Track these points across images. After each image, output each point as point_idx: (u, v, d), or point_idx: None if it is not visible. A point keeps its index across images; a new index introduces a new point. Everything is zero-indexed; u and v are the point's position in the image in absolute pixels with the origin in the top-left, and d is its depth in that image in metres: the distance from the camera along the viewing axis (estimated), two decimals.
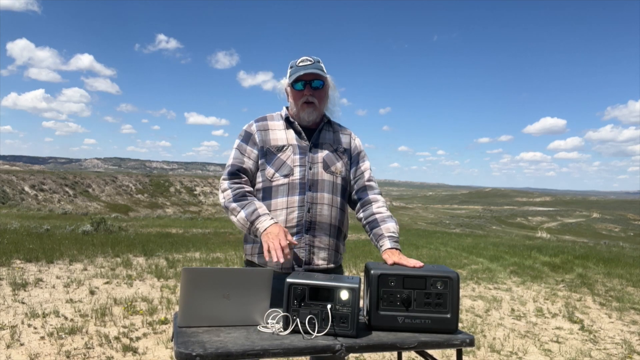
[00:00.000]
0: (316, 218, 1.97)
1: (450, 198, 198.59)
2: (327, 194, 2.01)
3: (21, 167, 76.34)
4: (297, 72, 1.99)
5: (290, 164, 1.98)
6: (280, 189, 1.97)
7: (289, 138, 2.03)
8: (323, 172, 2.01)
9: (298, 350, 1.47)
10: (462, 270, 8.04)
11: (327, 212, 2.00)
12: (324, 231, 2.00)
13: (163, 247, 9.41)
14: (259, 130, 2.03)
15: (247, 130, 2.05)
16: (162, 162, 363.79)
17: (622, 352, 4.14)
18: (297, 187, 1.97)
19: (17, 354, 3.42)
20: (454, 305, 1.65)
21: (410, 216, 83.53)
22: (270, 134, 2.03)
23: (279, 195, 1.96)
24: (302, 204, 1.96)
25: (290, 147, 2.00)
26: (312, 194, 1.98)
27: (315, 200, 1.98)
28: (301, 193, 1.96)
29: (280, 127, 2.05)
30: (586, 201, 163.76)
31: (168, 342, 3.82)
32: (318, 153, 2.03)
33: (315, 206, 1.97)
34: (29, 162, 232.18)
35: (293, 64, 2.05)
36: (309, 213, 1.96)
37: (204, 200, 62.78)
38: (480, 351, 4.02)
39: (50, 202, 46.29)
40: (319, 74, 1.99)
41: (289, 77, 2.03)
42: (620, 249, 13.71)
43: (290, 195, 1.96)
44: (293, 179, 1.97)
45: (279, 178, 1.97)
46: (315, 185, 1.99)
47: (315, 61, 2.03)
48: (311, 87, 2.00)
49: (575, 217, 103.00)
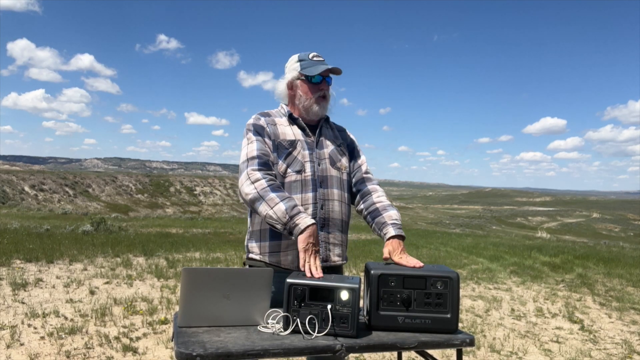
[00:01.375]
0: (329, 214, 1.98)
1: (450, 198, 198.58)
2: (337, 190, 2.02)
3: (21, 167, 76.35)
4: (317, 65, 1.99)
5: (301, 159, 1.97)
6: (294, 185, 1.95)
7: (296, 134, 2.02)
8: (330, 168, 2.03)
9: (298, 350, 1.47)
10: (462, 270, 8.04)
11: (338, 208, 2.01)
12: (337, 227, 2.01)
13: (163, 247, 9.41)
14: (269, 124, 2.01)
15: (258, 124, 2.00)
16: (162, 162, 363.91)
17: (622, 352, 4.14)
18: (310, 183, 1.96)
19: (17, 354, 3.42)
20: (454, 305, 1.65)
21: (410, 216, 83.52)
22: (279, 128, 2.01)
23: (293, 192, 1.94)
24: (315, 201, 1.95)
25: (299, 142, 2.00)
26: (323, 190, 1.98)
27: (327, 196, 1.98)
28: (314, 190, 1.96)
29: (285, 123, 2.04)
30: (586, 201, 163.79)
31: (168, 342, 3.82)
32: (324, 149, 2.04)
33: (327, 202, 1.98)
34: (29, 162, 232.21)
35: (304, 57, 2.03)
36: (322, 210, 1.96)
37: (204, 200, 62.75)
38: (480, 351, 4.02)
39: (50, 202, 46.28)
40: (338, 70, 2.03)
41: (305, 69, 2.00)
42: (620, 249, 13.71)
43: (304, 192, 1.95)
44: (305, 175, 1.96)
45: (291, 174, 1.95)
46: (325, 181, 1.99)
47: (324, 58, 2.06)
48: (327, 82, 2.03)
49: (575, 217, 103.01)
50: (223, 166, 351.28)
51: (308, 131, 2.04)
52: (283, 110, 2.09)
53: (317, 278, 1.64)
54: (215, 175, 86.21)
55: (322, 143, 2.06)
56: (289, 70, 2.06)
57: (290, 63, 2.06)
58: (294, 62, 2.05)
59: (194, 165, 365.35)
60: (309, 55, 2.03)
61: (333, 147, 2.08)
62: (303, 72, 2.00)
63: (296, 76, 2.03)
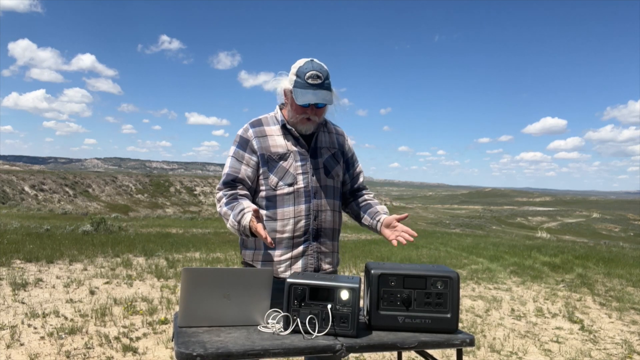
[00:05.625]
0: (322, 225, 1.98)
1: (450, 198, 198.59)
2: (330, 200, 2.02)
3: (21, 167, 76.35)
4: (306, 93, 1.86)
5: (293, 172, 1.94)
6: (286, 198, 1.94)
7: (288, 144, 1.97)
8: (325, 178, 2.00)
9: (298, 350, 1.47)
10: (462, 270, 8.03)
11: (330, 217, 2.02)
12: (328, 237, 2.02)
13: (163, 247, 9.41)
14: (257, 136, 1.96)
15: (244, 137, 1.97)
16: (162, 162, 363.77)
17: (622, 352, 4.14)
18: (303, 195, 1.95)
19: (17, 354, 3.42)
20: (454, 305, 1.65)
21: (410, 216, 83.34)
22: (268, 140, 1.96)
23: (285, 205, 1.94)
24: (308, 213, 1.95)
25: (291, 154, 1.96)
26: (317, 201, 1.97)
27: (320, 207, 1.98)
28: (307, 201, 1.95)
29: (277, 133, 1.98)
30: (586, 201, 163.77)
31: (168, 342, 3.82)
32: (318, 158, 2.00)
33: (320, 213, 1.98)
34: (29, 162, 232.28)
35: (301, 74, 1.88)
36: (315, 221, 1.96)
37: (204, 200, 62.75)
38: (480, 351, 4.02)
39: (50, 202, 46.28)
40: (326, 106, 1.93)
41: (295, 91, 1.88)
42: (620, 249, 13.71)
43: (297, 204, 1.94)
44: (298, 187, 1.94)
45: (283, 187, 1.94)
46: (319, 192, 1.98)
47: (325, 77, 1.88)
48: (315, 107, 1.92)
49: (575, 217, 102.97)
50: (223, 166, 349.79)
51: (301, 140, 1.98)
52: (278, 117, 2.01)
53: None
54: (215, 176, 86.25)
55: (318, 152, 2.01)
56: (288, 77, 1.95)
57: (292, 70, 1.94)
58: (293, 74, 1.92)
59: (194, 165, 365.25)
60: (306, 75, 1.87)
61: (328, 156, 2.03)
62: (294, 92, 1.89)
63: (289, 88, 1.93)
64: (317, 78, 1.87)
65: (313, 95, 1.86)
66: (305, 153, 1.98)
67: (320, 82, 1.87)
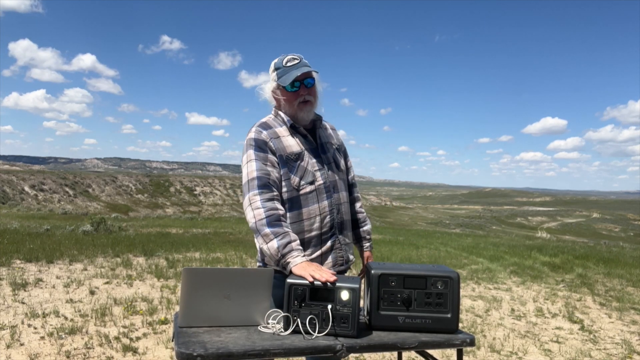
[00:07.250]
0: (342, 217, 2.03)
1: (450, 198, 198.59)
2: (344, 192, 2.08)
3: (21, 167, 76.34)
4: (290, 72, 1.93)
5: (311, 169, 1.97)
6: (310, 196, 1.95)
7: (300, 143, 2.00)
8: (337, 172, 2.06)
9: (299, 350, 1.47)
10: (462, 270, 8.03)
11: (346, 209, 2.08)
12: (348, 228, 2.09)
13: (163, 247, 9.40)
14: (272, 138, 1.96)
15: (260, 139, 1.94)
16: (162, 162, 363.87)
17: (622, 352, 4.14)
18: (324, 191, 1.98)
19: (17, 354, 3.42)
20: (454, 305, 1.65)
21: (410, 216, 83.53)
22: (282, 141, 1.97)
23: (310, 203, 1.95)
24: (332, 208, 1.99)
25: (306, 152, 1.99)
26: (336, 195, 2.02)
27: (339, 200, 2.03)
28: (328, 197, 1.98)
29: (286, 133, 2.00)
30: (586, 201, 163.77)
31: (168, 342, 3.82)
32: (327, 153, 2.06)
33: (340, 206, 2.02)
34: (29, 162, 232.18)
35: (279, 65, 1.97)
36: (338, 214, 2.00)
37: (204, 200, 62.74)
38: (481, 351, 4.02)
39: (50, 202, 46.28)
40: (311, 72, 1.98)
41: (280, 79, 1.96)
42: (620, 249, 13.71)
43: (320, 201, 1.96)
44: (318, 184, 1.97)
45: (305, 186, 1.95)
46: (336, 186, 2.03)
47: (301, 59, 1.98)
48: (306, 86, 1.97)
49: (575, 217, 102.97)
50: (223, 166, 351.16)
51: (309, 137, 2.03)
52: (281, 118, 2.04)
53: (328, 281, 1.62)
54: (215, 176, 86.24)
55: (325, 147, 2.07)
56: (270, 79, 2.03)
57: (270, 71, 2.02)
58: (272, 72, 2.00)
59: (194, 165, 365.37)
60: (284, 61, 1.96)
61: (333, 150, 2.10)
62: (279, 83, 1.97)
63: (275, 86, 2.00)
64: (294, 60, 1.97)
65: (296, 71, 1.93)
66: (316, 150, 2.03)
67: (298, 62, 1.97)
